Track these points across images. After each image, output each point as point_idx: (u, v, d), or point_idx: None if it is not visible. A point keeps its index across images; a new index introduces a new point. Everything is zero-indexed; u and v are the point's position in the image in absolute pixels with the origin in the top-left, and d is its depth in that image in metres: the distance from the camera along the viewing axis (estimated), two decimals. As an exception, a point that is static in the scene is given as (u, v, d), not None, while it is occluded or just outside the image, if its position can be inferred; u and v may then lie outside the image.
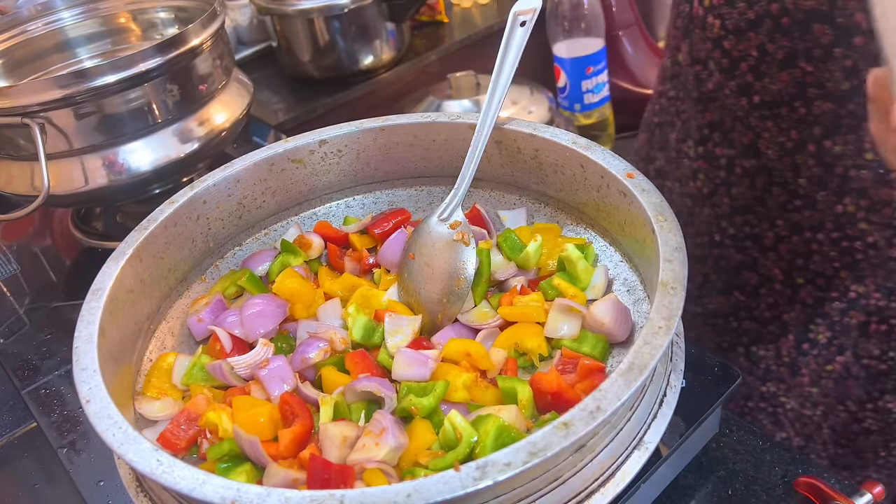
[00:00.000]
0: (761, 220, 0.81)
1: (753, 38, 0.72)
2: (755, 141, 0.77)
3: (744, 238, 0.84)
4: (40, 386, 0.80)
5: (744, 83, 0.75)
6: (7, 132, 0.88)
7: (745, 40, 0.73)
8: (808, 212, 0.77)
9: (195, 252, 0.70)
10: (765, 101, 0.75)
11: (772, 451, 0.62)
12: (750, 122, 0.77)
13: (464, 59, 1.72)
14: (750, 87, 0.75)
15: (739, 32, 0.74)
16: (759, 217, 0.81)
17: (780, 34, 0.70)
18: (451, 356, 0.59)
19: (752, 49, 0.73)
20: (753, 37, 0.72)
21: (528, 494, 0.46)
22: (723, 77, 0.77)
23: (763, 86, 0.74)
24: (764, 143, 0.77)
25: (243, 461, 0.53)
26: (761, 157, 0.78)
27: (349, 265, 0.71)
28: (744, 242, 0.84)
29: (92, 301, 0.57)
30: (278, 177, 0.73)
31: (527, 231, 0.69)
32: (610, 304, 0.59)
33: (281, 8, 1.50)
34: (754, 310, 0.87)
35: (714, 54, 0.77)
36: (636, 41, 1.81)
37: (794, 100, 0.73)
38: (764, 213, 0.81)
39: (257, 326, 0.63)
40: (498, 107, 0.66)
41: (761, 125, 0.76)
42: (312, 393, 0.58)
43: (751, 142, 0.78)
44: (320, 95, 1.56)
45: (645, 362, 0.45)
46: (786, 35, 0.70)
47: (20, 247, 1.08)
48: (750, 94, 0.75)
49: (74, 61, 1.09)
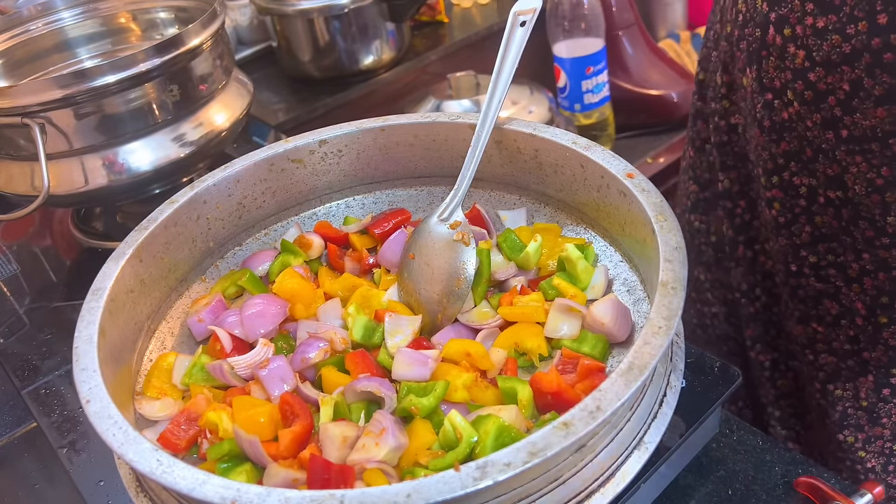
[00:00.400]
0: (846, 250, 0.77)
1: (847, 71, 0.68)
2: (841, 174, 0.73)
3: (827, 266, 0.79)
4: (40, 386, 0.80)
5: (830, 116, 0.71)
6: (7, 132, 0.88)
7: (837, 73, 0.68)
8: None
9: (195, 252, 0.70)
10: (854, 136, 0.70)
11: (772, 451, 0.62)
12: (836, 156, 0.72)
13: (464, 59, 1.72)
14: (838, 120, 0.71)
15: (830, 65, 0.69)
16: (845, 247, 0.77)
17: (881, 70, 0.66)
18: (451, 356, 0.60)
19: (843, 83, 0.68)
20: (847, 71, 0.68)
21: (528, 494, 0.46)
22: (804, 109, 0.73)
23: (853, 121, 0.69)
24: (851, 177, 0.72)
25: (243, 461, 0.53)
26: (848, 190, 0.73)
27: (349, 265, 0.71)
28: (826, 270, 0.80)
29: (92, 301, 0.57)
30: (278, 177, 0.73)
31: (527, 231, 0.69)
32: (610, 304, 0.59)
33: (281, 8, 1.50)
34: (833, 341, 0.83)
35: (794, 85, 0.72)
36: (636, 41, 1.80)
37: (888, 137, 0.68)
38: (850, 244, 0.76)
39: (257, 326, 0.63)
40: (498, 107, 0.66)
41: (849, 159, 0.72)
42: (312, 393, 0.58)
43: (836, 174, 0.73)
44: (320, 95, 1.56)
45: (645, 362, 0.45)
46: (887, 71, 0.65)
47: (20, 247, 1.08)
48: (837, 127, 0.71)
49: (74, 61, 1.09)
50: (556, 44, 1.64)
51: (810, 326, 0.84)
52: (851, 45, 0.66)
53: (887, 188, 0.70)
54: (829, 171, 0.73)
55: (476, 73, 1.54)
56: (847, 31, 0.66)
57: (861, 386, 0.83)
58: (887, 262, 0.74)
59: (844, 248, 0.77)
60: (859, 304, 0.79)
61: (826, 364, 0.84)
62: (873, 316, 0.78)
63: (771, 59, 0.74)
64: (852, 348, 0.82)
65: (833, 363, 0.84)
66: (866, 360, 0.81)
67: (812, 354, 0.85)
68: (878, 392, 0.82)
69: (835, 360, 0.83)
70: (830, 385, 0.85)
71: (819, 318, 0.83)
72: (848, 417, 0.85)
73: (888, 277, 0.75)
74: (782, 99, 0.74)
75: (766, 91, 0.76)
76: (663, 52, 1.87)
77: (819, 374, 0.86)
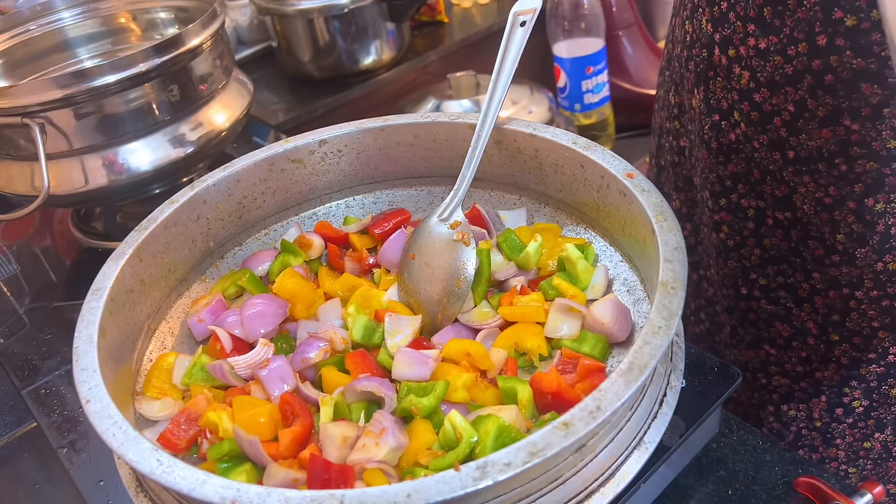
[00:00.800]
0: (796, 271, 0.77)
1: (791, 93, 0.68)
2: (790, 195, 0.73)
3: (777, 288, 0.79)
4: (40, 386, 0.80)
5: (777, 137, 0.71)
6: (7, 132, 0.88)
7: (781, 94, 0.68)
8: (847, 268, 0.73)
9: (195, 252, 0.70)
10: (800, 156, 0.70)
11: (772, 451, 0.62)
12: (784, 177, 0.72)
13: (464, 59, 1.73)
14: (784, 141, 0.70)
15: (774, 86, 0.69)
16: (794, 267, 0.77)
17: (823, 91, 0.66)
18: (451, 356, 0.60)
19: (787, 104, 0.68)
20: (791, 92, 0.68)
21: (528, 494, 0.46)
22: (751, 130, 0.73)
23: (799, 141, 0.69)
24: (799, 197, 0.72)
25: (243, 461, 0.53)
26: (796, 210, 0.73)
27: (349, 265, 0.71)
28: (777, 292, 0.79)
29: (92, 301, 0.57)
30: (278, 177, 0.73)
31: (527, 231, 0.69)
32: (610, 304, 0.59)
33: (281, 8, 1.50)
34: (786, 363, 0.83)
35: (741, 106, 0.72)
36: (636, 41, 1.81)
37: (833, 157, 0.68)
38: (799, 264, 0.76)
39: (257, 326, 0.63)
40: (498, 107, 0.66)
41: (796, 180, 0.71)
42: (312, 393, 0.58)
43: (784, 195, 0.73)
44: (320, 95, 1.56)
45: (645, 362, 0.45)
46: (829, 93, 0.65)
47: (20, 247, 1.08)
48: (784, 148, 0.71)
49: (74, 61, 1.09)
50: (556, 44, 1.64)
51: (762, 349, 0.83)
52: (793, 67, 0.66)
53: (835, 206, 0.70)
54: (777, 192, 0.73)
55: (476, 73, 1.54)
56: (788, 52, 0.66)
57: (814, 407, 0.82)
58: (838, 280, 0.74)
59: (794, 268, 0.76)
60: (811, 323, 0.78)
61: (779, 386, 0.84)
62: (825, 334, 0.78)
63: (718, 80, 0.74)
64: (804, 369, 0.81)
65: (786, 385, 0.83)
66: (819, 381, 0.81)
67: (765, 378, 0.85)
68: (832, 412, 0.81)
69: (787, 381, 0.83)
70: (784, 406, 0.85)
71: (771, 340, 0.82)
72: (802, 438, 0.85)
73: (839, 295, 0.75)
74: (729, 120, 0.74)
75: (713, 112, 0.76)
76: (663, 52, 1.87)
77: (773, 397, 0.85)
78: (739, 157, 0.75)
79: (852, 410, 0.80)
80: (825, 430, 0.83)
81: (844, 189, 0.69)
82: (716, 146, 0.77)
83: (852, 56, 0.63)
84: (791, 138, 0.70)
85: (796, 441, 0.85)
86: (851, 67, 0.64)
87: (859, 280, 0.73)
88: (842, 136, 0.67)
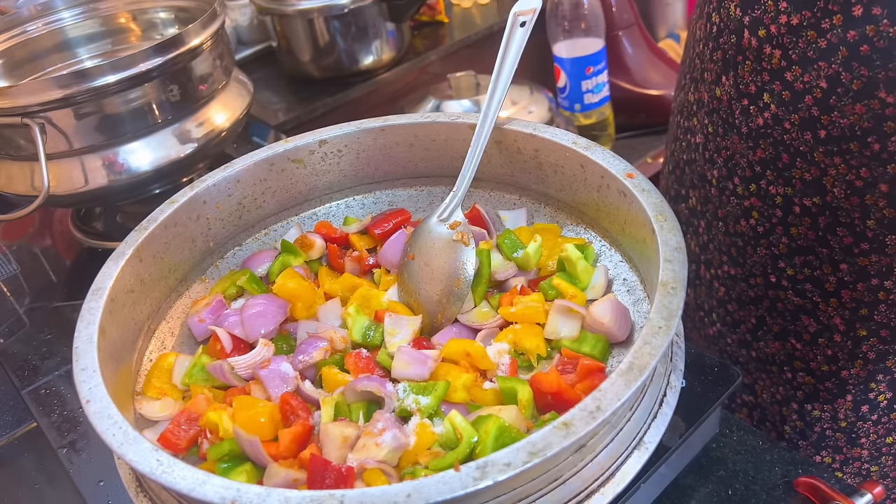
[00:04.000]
0: (823, 263, 0.76)
1: (824, 67, 0.67)
2: (820, 177, 0.72)
3: (804, 280, 0.78)
4: (40, 386, 0.80)
5: (808, 117, 0.70)
6: (7, 132, 0.88)
7: (813, 70, 0.68)
8: (876, 256, 0.72)
9: (195, 252, 0.70)
10: (832, 135, 0.69)
11: (772, 451, 0.62)
12: (814, 158, 0.71)
13: (464, 59, 1.73)
14: (815, 120, 0.70)
15: (806, 62, 0.68)
16: (821, 259, 0.76)
17: (859, 63, 0.65)
18: (450, 356, 0.60)
19: (820, 80, 0.68)
20: (825, 66, 0.67)
21: (528, 494, 0.46)
22: (781, 111, 0.72)
23: (831, 119, 0.69)
24: (829, 180, 0.71)
25: (243, 461, 0.53)
26: (826, 194, 0.72)
27: (349, 265, 0.71)
28: (803, 285, 0.78)
29: (92, 301, 0.57)
30: (278, 177, 0.73)
31: (527, 231, 0.69)
32: (610, 305, 0.59)
33: (281, 8, 1.50)
34: (811, 361, 0.81)
35: (772, 86, 0.72)
36: (636, 41, 1.80)
37: (867, 135, 0.67)
38: (826, 256, 0.75)
39: (258, 326, 0.63)
40: (498, 107, 0.66)
41: (827, 161, 0.70)
42: (313, 393, 0.58)
43: (815, 178, 0.72)
44: (320, 95, 1.56)
45: (645, 362, 0.45)
46: (865, 64, 0.65)
47: (20, 247, 1.08)
48: (815, 128, 0.70)
49: (74, 61, 1.09)
50: (556, 44, 1.64)
51: (789, 342, 0.83)
52: (827, 40, 0.66)
53: (867, 190, 0.70)
54: (807, 175, 0.73)
55: (476, 73, 1.54)
56: (822, 25, 0.66)
57: (840, 407, 0.82)
58: (866, 270, 0.73)
59: (821, 260, 0.76)
60: (837, 319, 0.77)
61: (804, 384, 0.83)
62: (852, 330, 0.77)
63: (747, 63, 0.74)
64: (830, 368, 0.80)
65: (811, 384, 0.83)
66: (845, 379, 0.80)
67: (790, 372, 0.84)
68: (857, 410, 0.81)
69: (812, 380, 0.82)
70: (808, 405, 0.84)
71: (797, 334, 0.81)
72: (826, 439, 0.84)
73: (867, 287, 0.74)
74: (757, 104, 0.74)
75: (742, 97, 0.75)
76: (663, 52, 1.87)
77: (797, 394, 0.84)
78: (767, 143, 0.74)
79: (877, 406, 0.80)
80: (850, 430, 0.82)
81: (877, 170, 0.68)
82: (745, 131, 0.76)
83: (889, 24, 0.63)
84: (823, 117, 0.69)
85: (819, 442, 0.84)
86: (889, 36, 0.63)
87: (889, 269, 0.72)
88: (876, 111, 0.66)
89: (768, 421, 0.89)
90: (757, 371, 0.87)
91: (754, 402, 0.89)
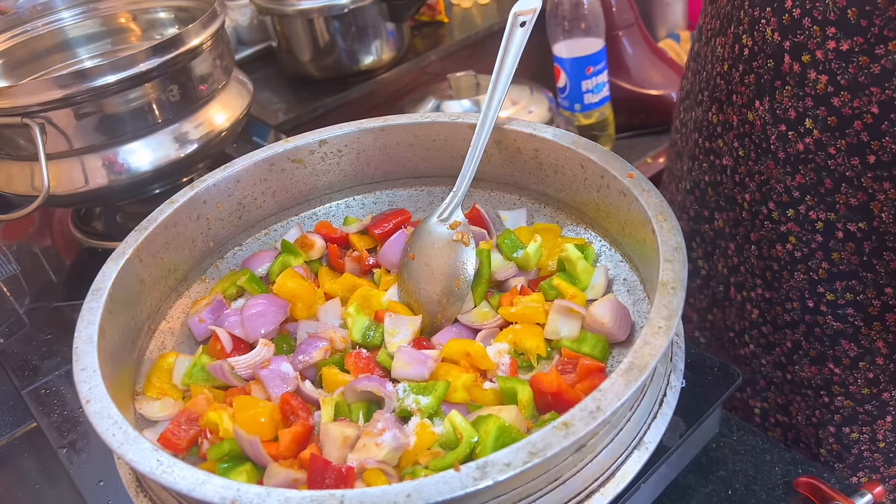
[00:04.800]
0: (867, 287, 0.74)
1: (877, 93, 0.65)
2: (867, 202, 0.71)
3: (845, 305, 0.76)
4: (40, 386, 0.80)
5: (856, 142, 0.69)
6: (7, 132, 0.88)
7: (864, 96, 0.66)
8: None
9: (195, 252, 0.70)
10: (882, 160, 0.68)
11: (772, 451, 0.62)
12: (861, 183, 0.70)
13: (464, 59, 1.73)
14: (864, 146, 0.68)
15: (857, 88, 0.67)
16: (865, 283, 0.74)
17: None
18: (450, 356, 0.60)
19: (871, 106, 0.66)
20: (877, 92, 0.65)
21: (528, 494, 0.46)
22: (826, 136, 0.70)
23: (881, 144, 0.67)
24: (877, 205, 0.70)
25: (243, 461, 0.53)
26: (873, 219, 0.71)
27: (349, 265, 0.71)
28: (844, 310, 0.77)
29: (92, 301, 0.57)
30: (278, 177, 0.73)
31: (527, 231, 0.69)
32: (610, 305, 0.59)
33: (281, 8, 1.50)
34: (851, 385, 0.80)
35: (815, 112, 0.70)
36: (636, 41, 1.80)
37: None
38: (871, 280, 0.74)
39: (258, 326, 0.63)
40: (498, 107, 0.66)
41: (876, 186, 0.69)
42: (313, 393, 0.58)
43: (861, 203, 0.71)
44: (320, 95, 1.56)
45: (645, 362, 0.45)
46: None
47: (20, 247, 1.08)
48: (863, 154, 0.68)
49: (74, 61, 1.09)
50: (556, 44, 1.64)
51: (826, 367, 0.81)
52: (881, 66, 0.65)
53: None
54: (853, 200, 0.71)
55: (476, 73, 1.54)
56: (876, 51, 0.65)
57: (879, 428, 0.80)
58: None
59: (865, 284, 0.74)
60: (880, 342, 0.76)
61: (842, 407, 0.81)
62: (895, 353, 0.76)
63: (787, 89, 0.72)
64: (871, 391, 0.79)
65: (850, 407, 0.81)
66: (885, 401, 0.78)
67: (827, 397, 0.82)
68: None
69: (852, 404, 0.81)
70: (846, 428, 0.82)
71: (836, 359, 0.79)
72: (864, 460, 0.83)
73: None
74: (797, 130, 0.72)
75: (779, 122, 0.74)
76: (663, 52, 1.87)
77: (834, 418, 0.83)
78: (808, 168, 0.73)
79: None
80: (888, 450, 0.81)
81: None
82: (783, 156, 0.75)
83: None
84: (873, 142, 0.68)
85: (857, 463, 0.83)
86: None
87: None
88: None
89: (802, 442, 0.87)
90: (791, 393, 0.86)
91: (788, 422, 0.88)
